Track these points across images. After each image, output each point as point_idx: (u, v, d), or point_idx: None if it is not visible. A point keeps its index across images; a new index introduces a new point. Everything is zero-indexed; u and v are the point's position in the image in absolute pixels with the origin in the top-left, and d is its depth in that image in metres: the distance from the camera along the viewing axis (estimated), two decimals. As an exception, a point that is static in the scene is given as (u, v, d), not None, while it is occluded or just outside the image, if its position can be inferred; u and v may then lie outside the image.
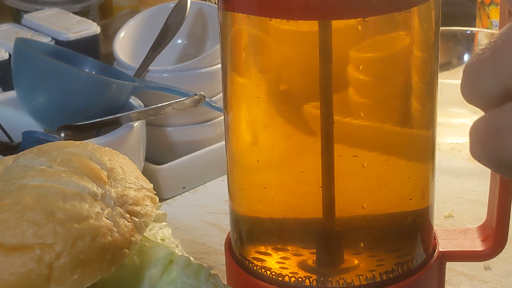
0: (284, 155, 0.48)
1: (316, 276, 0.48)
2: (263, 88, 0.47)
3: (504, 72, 0.30)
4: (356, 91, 0.46)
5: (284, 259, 0.49)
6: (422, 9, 0.46)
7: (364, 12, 0.43)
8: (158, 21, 0.84)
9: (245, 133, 0.49)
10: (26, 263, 0.42)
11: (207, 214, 0.72)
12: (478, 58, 0.31)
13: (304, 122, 0.47)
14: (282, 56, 0.47)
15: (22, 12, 1.04)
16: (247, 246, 0.51)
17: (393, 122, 0.47)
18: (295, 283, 0.48)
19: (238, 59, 0.48)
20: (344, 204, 0.47)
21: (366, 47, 0.45)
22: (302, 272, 0.48)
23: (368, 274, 0.48)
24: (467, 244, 0.53)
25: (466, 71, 0.32)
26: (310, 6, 0.43)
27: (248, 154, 0.50)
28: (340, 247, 0.49)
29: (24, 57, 0.73)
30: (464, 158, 0.80)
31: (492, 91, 0.31)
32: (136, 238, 0.45)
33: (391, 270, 0.48)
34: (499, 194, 0.51)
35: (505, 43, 0.30)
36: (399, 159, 0.48)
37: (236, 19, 0.46)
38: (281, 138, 0.48)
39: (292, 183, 0.48)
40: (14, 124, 0.73)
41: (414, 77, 0.47)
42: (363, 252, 0.49)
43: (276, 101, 0.47)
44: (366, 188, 0.48)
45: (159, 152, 0.80)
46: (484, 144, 0.31)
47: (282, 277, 0.48)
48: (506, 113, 0.30)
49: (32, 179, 0.46)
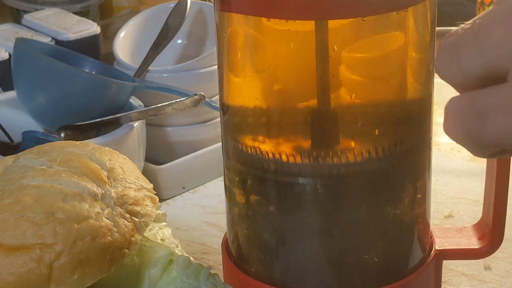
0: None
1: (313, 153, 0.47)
2: (259, 88, 0.47)
3: (488, 54, 0.30)
4: (353, 90, 0.46)
5: (279, 145, 0.48)
6: (419, 9, 0.46)
7: (362, 11, 0.43)
8: (158, 21, 0.84)
9: (241, 132, 0.49)
10: (26, 263, 0.42)
11: (207, 214, 0.72)
12: (459, 38, 0.31)
13: (300, 122, 0.47)
14: (278, 56, 0.46)
15: (22, 12, 1.04)
16: (244, 135, 0.50)
17: (389, 122, 0.47)
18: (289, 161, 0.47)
19: (234, 59, 0.48)
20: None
21: (363, 46, 0.45)
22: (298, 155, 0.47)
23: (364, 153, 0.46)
24: (464, 242, 0.53)
25: (444, 48, 0.32)
26: (308, 6, 0.43)
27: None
28: (335, 129, 0.48)
29: (24, 57, 0.73)
30: (464, 158, 0.80)
31: (474, 72, 0.31)
32: (136, 238, 0.45)
33: (388, 147, 0.47)
34: (495, 192, 0.51)
35: (491, 25, 0.30)
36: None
37: (232, 19, 0.46)
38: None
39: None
40: (14, 124, 0.73)
41: (410, 77, 0.47)
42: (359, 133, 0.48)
43: (273, 101, 0.47)
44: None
45: (159, 152, 0.80)
46: (463, 123, 0.31)
47: (279, 155, 0.47)
48: (492, 95, 0.30)
49: (32, 179, 0.46)
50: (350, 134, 0.47)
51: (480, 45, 0.30)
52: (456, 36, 0.32)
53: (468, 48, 0.31)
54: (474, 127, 0.31)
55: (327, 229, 0.48)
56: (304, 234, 0.48)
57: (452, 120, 0.32)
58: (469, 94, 0.31)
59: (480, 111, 0.31)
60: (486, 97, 0.31)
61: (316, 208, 0.48)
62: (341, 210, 0.48)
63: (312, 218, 0.48)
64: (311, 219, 0.48)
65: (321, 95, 0.46)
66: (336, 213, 0.48)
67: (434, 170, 0.55)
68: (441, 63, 0.32)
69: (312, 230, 0.48)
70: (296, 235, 0.49)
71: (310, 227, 0.48)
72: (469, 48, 0.31)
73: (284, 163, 0.47)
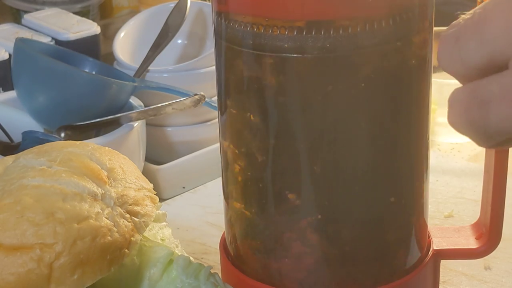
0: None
1: None
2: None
3: (490, 44, 0.30)
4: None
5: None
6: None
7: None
8: (158, 21, 0.84)
9: (239, 135, 0.49)
10: (26, 263, 0.42)
11: (207, 214, 0.72)
12: (459, 29, 0.31)
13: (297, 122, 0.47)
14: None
15: (22, 12, 1.04)
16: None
17: (387, 123, 0.47)
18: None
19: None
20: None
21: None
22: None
23: None
24: (462, 242, 0.53)
25: (446, 40, 0.32)
26: (305, 4, 0.43)
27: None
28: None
29: (24, 57, 0.73)
30: (464, 158, 0.80)
31: (476, 62, 0.31)
32: (136, 238, 0.45)
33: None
34: (492, 192, 0.51)
35: (492, 15, 0.30)
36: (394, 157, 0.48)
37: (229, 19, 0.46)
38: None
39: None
40: (14, 124, 0.73)
41: (408, 80, 0.47)
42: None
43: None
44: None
45: (159, 152, 0.80)
46: (467, 112, 0.31)
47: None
48: (494, 83, 0.30)
49: (32, 179, 0.46)
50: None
51: (480, 34, 0.30)
52: (457, 27, 0.32)
53: (468, 38, 0.31)
54: (477, 116, 0.31)
55: (326, 226, 0.48)
56: (304, 234, 0.48)
57: (455, 111, 0.32)
58: (471, 84, 0.31)
59: (483, 100, 0.31)
60: (487, 86, 0.31)
61: (315, 203, 0.48)
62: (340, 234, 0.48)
63: (311, 218, 0.48)
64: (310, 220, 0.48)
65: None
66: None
67: (434, 170, 0.56)
68: (443, 54, 0.32)
69: (311, 229, 0.48)
70: (294, 234, 0.49)
71: (309, 227, 0.48)
72: (470, 38, 0.31)
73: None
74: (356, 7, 0.43)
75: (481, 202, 0.53)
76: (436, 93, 0.81)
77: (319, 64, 0.44)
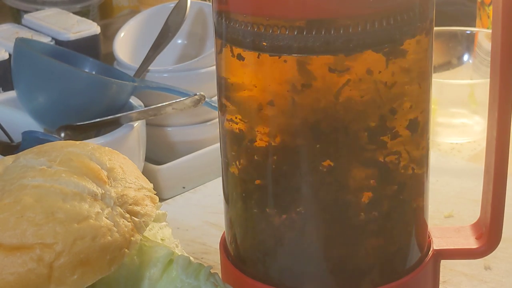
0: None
1: None
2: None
3: None
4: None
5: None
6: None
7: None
8: (158, 21, 0.84)
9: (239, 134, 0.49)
10: (26, 263, 0.42)
11: (207, 214, 0.72)
12: None
13: (298, 122, 0.47)
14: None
15: (22, 12, 1.04)
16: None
17: (387, 123, 0.47)
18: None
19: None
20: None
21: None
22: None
23: None
24: (462, 242, 0.53)
25: None
26: (306, 3, 0.43)
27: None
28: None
29: (24, 57, 0.73)
30: (464, 158, 0.80)
31: None
32: (136, 238, 0.45)
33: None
34: (493, 191, 0.51)
35: None
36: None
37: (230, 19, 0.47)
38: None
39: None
40: (14, 124, 0.73)
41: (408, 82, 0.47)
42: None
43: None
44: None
45: (159, 152, 0.80)
46: None
47: None
48: None
49: (32, 179, 0.46)
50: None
51: None
52: None
53: None
54: None
55: (326, 227, 0.48)
56: (303, 233, 0.48)
57: None
58: None
59: None
60: None
61: (315, 203, 0.48)
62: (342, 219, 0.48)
63: (311, 216, 0.48)
64: (310, 218, 0.48)
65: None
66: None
67: (434, 170, 0.55)
68: None
69: (311, 228, 0.48)
70: (294, 235, 0.49)
71: (308, 227, 0.48)
72: None
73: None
74: (356, 7, 0.44)
75: (481, 202, 0.53)
76: (436, 93, 0.81)
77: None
